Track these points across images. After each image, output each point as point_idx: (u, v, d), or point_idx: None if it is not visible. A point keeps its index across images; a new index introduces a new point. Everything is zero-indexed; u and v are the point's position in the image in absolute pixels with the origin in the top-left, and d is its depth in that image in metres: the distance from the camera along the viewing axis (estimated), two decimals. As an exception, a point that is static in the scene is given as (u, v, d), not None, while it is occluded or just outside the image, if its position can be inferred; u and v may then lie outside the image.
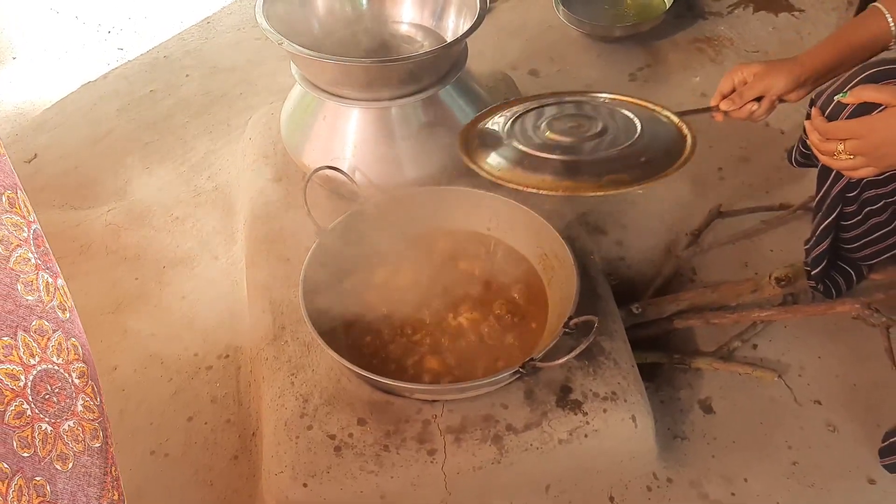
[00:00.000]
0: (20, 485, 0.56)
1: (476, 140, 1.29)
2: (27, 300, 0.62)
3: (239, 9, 2.54)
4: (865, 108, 1.08)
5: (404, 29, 1.56)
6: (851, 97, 1.08)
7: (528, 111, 1.33)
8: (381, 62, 1.32)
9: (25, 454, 0.58)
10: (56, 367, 0.63)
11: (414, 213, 1.43)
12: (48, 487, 0.60)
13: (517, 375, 1.17)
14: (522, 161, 1.22)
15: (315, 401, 1.23)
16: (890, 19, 1.13)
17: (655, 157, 1.21)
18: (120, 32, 2.45)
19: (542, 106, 1.34)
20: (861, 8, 2.14)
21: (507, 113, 1.33)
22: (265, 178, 1.62)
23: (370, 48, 1.53)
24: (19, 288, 0.61)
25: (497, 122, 1.32)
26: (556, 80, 2.13)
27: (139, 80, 2.24)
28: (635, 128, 1.25)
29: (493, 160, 1.23)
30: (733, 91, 1.23)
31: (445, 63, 1.42)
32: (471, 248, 1.42)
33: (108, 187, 1.89)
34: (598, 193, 1.17)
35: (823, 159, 1.13)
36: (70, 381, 0.64)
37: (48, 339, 0.63)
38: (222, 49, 2.35)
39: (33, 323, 0.62)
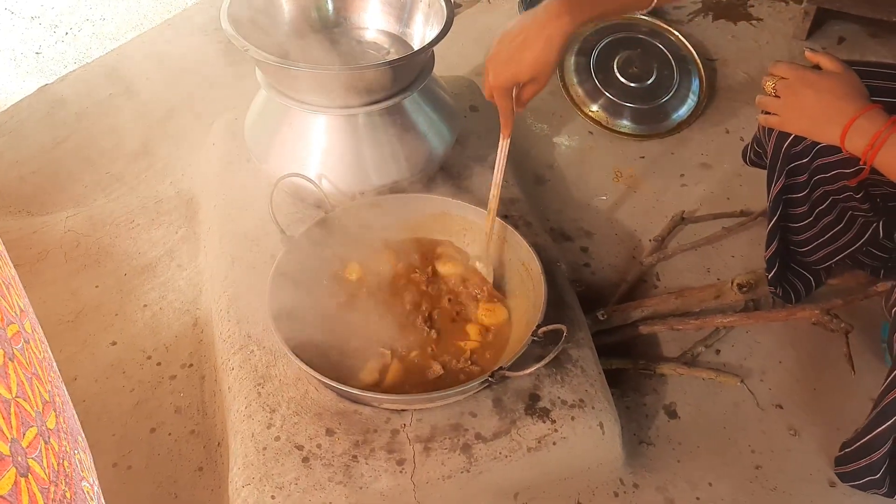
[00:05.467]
0: None
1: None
2: None
3: (199, 11, 2.51)
4: None
5: (371, 35, 1.55)
6: (813, 57, 1.12)
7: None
8: (348, 69, 1.31)
9: None
10: None
11: (381, 220, 1.43)
12: None
13: (486, 384, 1.17)
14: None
15: (282, 411, 1.22)
16: None
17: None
18: (78, 34, 2.41)
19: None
20: (817, 18, 2.20)
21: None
22: (230, 185, 1.60)
23: (336, 55, 1.52)
24: None
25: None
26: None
27: (98, 84, 2.19)
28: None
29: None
30: None
31: (413, 70, 1.42)
32: (438, 255, 1.41)
33: (67, 193, 1.84)
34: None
35: (757, 99, 1.17)
36: None
37: None
38: (183, 52, 2.31)
39: None
